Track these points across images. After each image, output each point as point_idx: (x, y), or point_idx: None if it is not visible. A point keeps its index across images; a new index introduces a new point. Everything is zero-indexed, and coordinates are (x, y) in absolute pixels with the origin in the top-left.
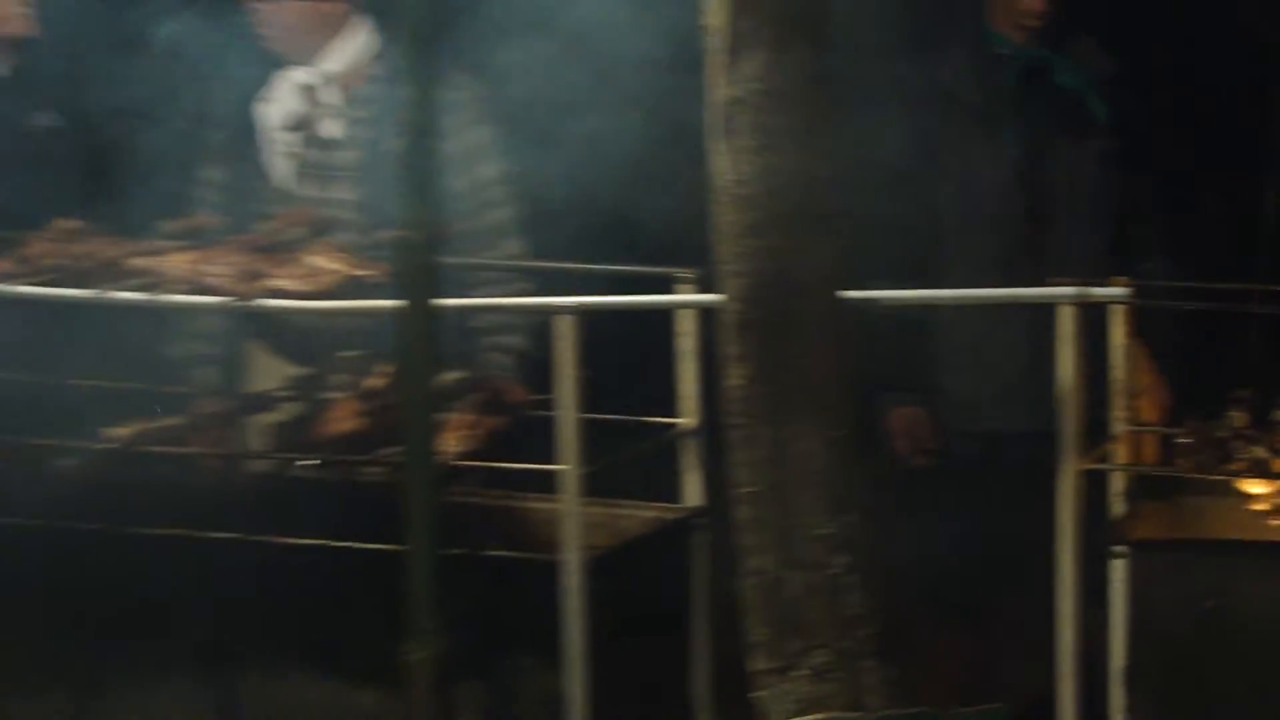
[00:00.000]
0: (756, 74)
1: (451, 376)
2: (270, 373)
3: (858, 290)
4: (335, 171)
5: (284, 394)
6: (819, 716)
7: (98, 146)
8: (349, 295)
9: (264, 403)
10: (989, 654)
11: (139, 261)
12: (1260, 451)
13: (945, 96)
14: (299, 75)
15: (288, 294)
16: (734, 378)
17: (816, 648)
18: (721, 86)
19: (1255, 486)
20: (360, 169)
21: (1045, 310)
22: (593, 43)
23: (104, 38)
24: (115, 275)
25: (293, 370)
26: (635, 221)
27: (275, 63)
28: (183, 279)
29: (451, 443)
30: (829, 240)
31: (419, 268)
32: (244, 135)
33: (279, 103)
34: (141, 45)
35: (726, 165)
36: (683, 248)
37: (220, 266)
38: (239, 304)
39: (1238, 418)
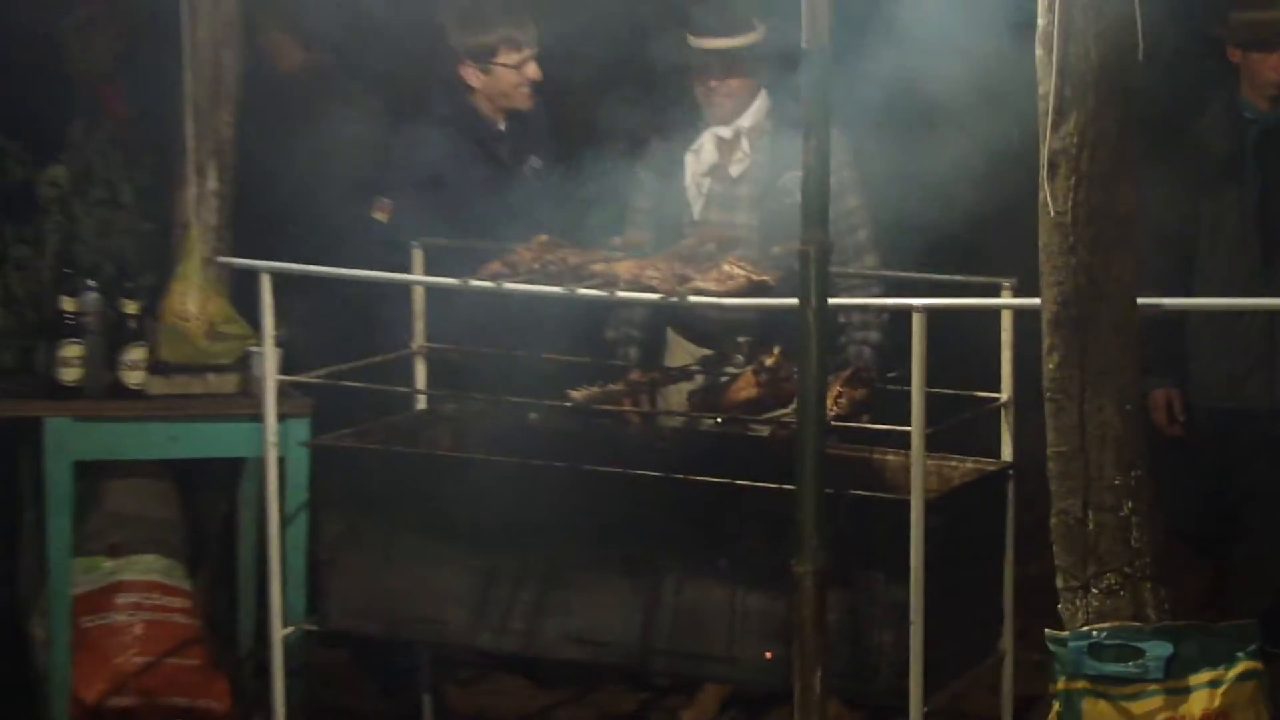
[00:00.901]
0: (1076, 130)
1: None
2: (684, 352)
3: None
4: (738, 201)
5: (696, 369)
6: (1109, 624)
7: (568, 181)
8: (751, 295)
9: (681, 375)
10: (1233, 582)
11: (597, 266)
12: None
13: (1204, 150)
14: (721, 131)
15: (707, 292)
16: (1049, 363)
17: (1108, 572)
18: (1048, 139)
19: None
20: (757, 199)
21: (1274, 316)
22: (934, 100)
23: (569, 104)
24: (578, 277)
25: (702, 351)
26: (964, 240)
27: (702, 122)
28: (629, 281)
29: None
30: (1127, 258)
31: (815, 273)
32: (671, 175)
33: (702, 151)
34: (602, 108)
35: (1050, 200)
36: (997, 260)
37: (656, 271)
38: (674, 299)
39: None
